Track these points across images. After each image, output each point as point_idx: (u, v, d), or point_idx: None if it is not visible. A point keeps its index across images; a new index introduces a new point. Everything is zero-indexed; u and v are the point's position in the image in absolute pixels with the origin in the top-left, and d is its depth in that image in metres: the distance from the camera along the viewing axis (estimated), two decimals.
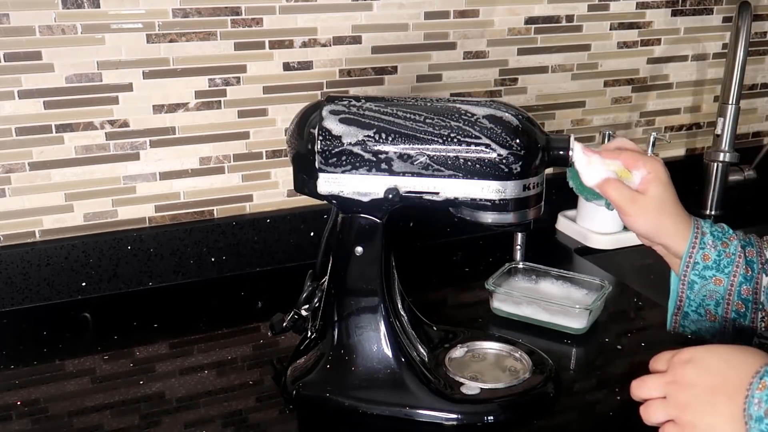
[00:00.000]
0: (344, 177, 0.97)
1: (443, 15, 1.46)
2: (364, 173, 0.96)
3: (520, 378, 1.05)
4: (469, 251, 1.51)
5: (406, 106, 0.97)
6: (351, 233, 1.01)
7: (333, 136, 0.96)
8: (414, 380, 1.02)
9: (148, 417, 1.02)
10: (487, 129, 0.93)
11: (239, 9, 1.31)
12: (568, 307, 1.20)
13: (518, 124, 0.94)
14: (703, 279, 0.99)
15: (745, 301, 0.98)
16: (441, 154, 0.94)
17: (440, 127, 0.94)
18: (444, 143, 0.94)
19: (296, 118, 1.00)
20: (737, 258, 0.98)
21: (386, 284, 1.03)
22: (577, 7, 1.57)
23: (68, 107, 1.26)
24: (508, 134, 0.93)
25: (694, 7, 1.67)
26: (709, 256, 0.98)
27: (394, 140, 0.95)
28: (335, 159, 0.96)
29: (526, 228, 1.00)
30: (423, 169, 0.95)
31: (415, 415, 1.00)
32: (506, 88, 1.56)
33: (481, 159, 0.93)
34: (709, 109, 1.77)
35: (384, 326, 1.02)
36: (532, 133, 0.95)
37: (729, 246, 0.98)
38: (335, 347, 1.04)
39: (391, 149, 0.95)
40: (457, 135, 0.93)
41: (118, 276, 1.33)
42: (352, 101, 0.98)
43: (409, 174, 0.96)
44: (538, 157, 0.95)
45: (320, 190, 0.98)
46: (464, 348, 1.12)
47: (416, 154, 0.94)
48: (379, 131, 0.95)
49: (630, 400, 1.05)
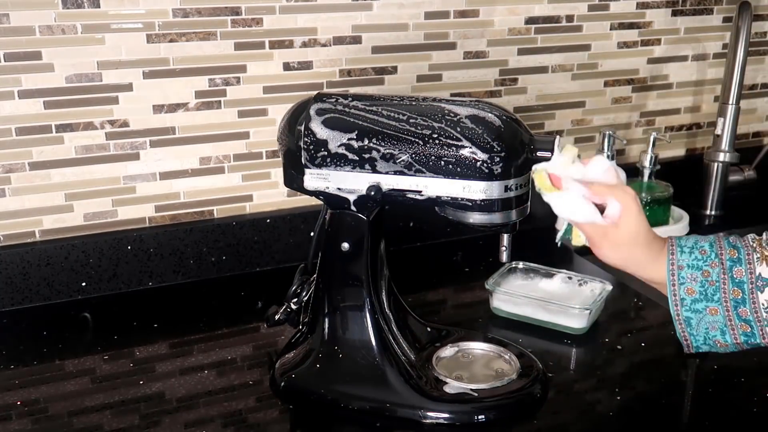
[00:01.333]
0: (329, 174, 0.99)
1: (443, 15, 1.46)
2: (349, 170, 0.98)
3: (506, 380, 1.05)
4: (469, 251, 1.51)
5: (392, 105, 0.97)
6: (338, 229, 1.02)
7: (318, 135, 0.98)
8: (396, 377, 1.02)
9: (148, 417, 1.01)
10: (468, 129, 0.93)
11: (239, 9, 1.31)
12: (568, 307, 1.20)
13: (500, 124, 0.94)
14: (697, 313, 0.95)
15: (747, 322, 0.93)
16: (423, 153, 0.94)
17: (423, 127, 0.95)
18: (426, 143, 0.94)
19: (287, 115, 1.02)
20: (722, 284, 0.93)
21: (373, 281, 1.04)
22: (578, 7, 1.57)
23: (68, 107, 1.26)
24: (489, 135, 0.93)
25: (695, 7, 1.67)
26: (694, 290, 0.94)
27: (377, 140, 0.96)
28: (320, 158, 0.98)
29: (511, 229, 1.01)
30: (406, 168, 0.96)
31: (396, 412, 1.01)
32: (506, 88, 1.56)
33: (462, 159, 0.93)
34: (709, 109, 1.77)
35: (369, 322, 1.03)
36: (516, 133, 0.95)
37: (711, 274, 0.94)
38: (323, 342, 1.05)
39: (373, 149, 0.96)
40: (440, 136, 0.94)
41: (118, 276, 1.33)
42: (340, 99, 0.99)
43: (392, 172, 0.96)
44: (521, 158, 0.95)
45: (307, 186, 1.01)
46: (454, 348, 1.12)
47: (399, 153, 0.95)
48: (362, 131, 0.96)
49: (630, 400, 1.06)
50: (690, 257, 0.95)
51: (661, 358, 1.17)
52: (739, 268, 0.93)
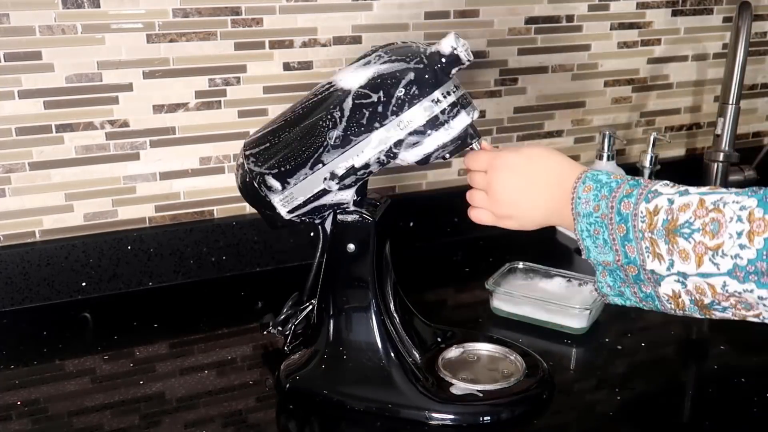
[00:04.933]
0: (292, 191, 1.00)
1: (443, 15, 1.46)
2: (304, 174, 0.99)
3: (512, 380, 1.05)
4: (469, 251, 1.51)
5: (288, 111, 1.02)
6: (344, 230, 1.02)
7: (267, 181, 1.01)
8: (402, 378, 1.02)
9: (148, 417, 1.01)
10: (372, 81, 0.94)
11: (239, 9, 1.31)
12: (568, 307, 1.20)
13: (393, 57, 0.94)
14: None
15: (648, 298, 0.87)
16: (350, 125, 0.95)
17: (332, 106, 0.96)
18: (351, 116, 0.95)
19: (236, 178, 1.06)
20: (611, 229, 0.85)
21: (378, 282, 1.04)
22: (577, 7, 1.57)
23: (68, 107, 1.26)
24: (392, 73, 0.93)
25: (695, 7, 1.67)
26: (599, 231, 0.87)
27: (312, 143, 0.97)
28: (277, 182, 1.00)
29: (476, 134, 0.97)
30: (341, 145, 0.96)
31: (402, 414, 1.01)
32: (506, 88, 1.56)
33: (384, 103, 0.93)
34: (709, 109, 1.77)
35: (375, 324, 1.03)
36: (410, 53, 0.94)
37: (602, 232, 0.86)
38: (328, 343, 1.05)
39: (312, 150, 0.98)
40: (349, 109, 0.95)
41: (118, 276, 1.33)
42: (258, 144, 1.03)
43: (337, 157, 0.97)
44: (430, 70, 0.93)
45: (286, 215, 1.03)
46: (459, 349, 1.12)
47: (332, 135, 0.96)
48: (293, 154, 0.99)
49: (630, 400, 1.06)
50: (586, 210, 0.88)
51: (661, 358, 1.17)
52: (630, 245, 0.84)
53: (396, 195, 1.52)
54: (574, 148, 1.66)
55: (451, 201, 1.53)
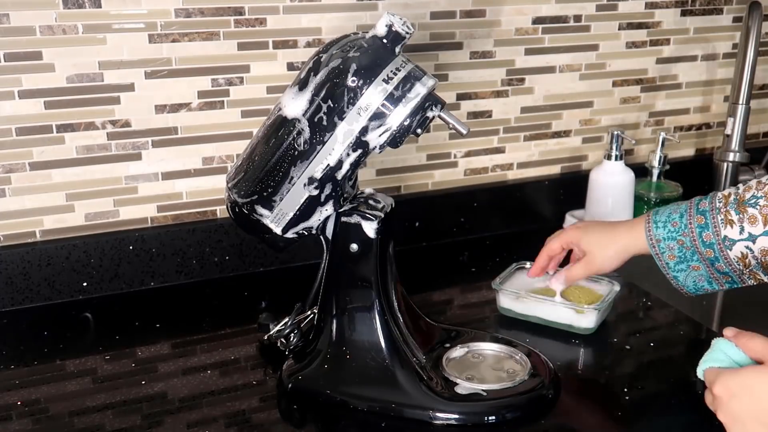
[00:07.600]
0: (281, 206, 1.01)
1: (449, 15, 1.45)
2: (287, 189, 1.00)
3: (517, 380, 1.03)
4: (476, 251, 1.50)
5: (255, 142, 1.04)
6: (347, 229, 1.02)
7: (257, 210, 1.03)
8: (406, 378, 1.01)
9: (150, 417, 1.01)
10: (317, 84, 0.97)
11: (242, 9, 1.30)
12: (576, 307, 1.18)
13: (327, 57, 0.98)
14: (682, 271, 1.10)
15: (726, 274, 1.08)
16: (311, 132, 0.96)
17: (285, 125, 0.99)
18: (307, 123, 0.97)
19: (229, 215, 1.08)
20: (696, 248, 1.07)
21: (382, 282, 1.03)
22: (585, 7, 1.55)
23: (69, 107, 1.25)
24: (336, 72, 0.95)
25: (704, 7, 1.66)
26: (674, 255, 1.09)
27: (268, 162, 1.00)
28: (263, 204, 1.02)
29: (439, 103, 0.98)
30: (311, 150, 0.97)
31: (406, 413, 1.00)
32: (513, 88, 1.54)
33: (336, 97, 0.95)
34: (718, 109, 1.76)
35: (378, 323, 1.02)
36: (350, 40, 0.97)
37: (685, 242, 1.08)
38: (331, 343, 1.04)
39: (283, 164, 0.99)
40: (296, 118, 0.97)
41: (119, 276, 1.32)
42: None
43: (311, 162, 0.98)
44: (368, 53, 0.95)
45: (284, 233, 1.03)
46: (464, 348, 1.11)
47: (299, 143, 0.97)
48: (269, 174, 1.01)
49: (638, 401, 1.05)
50: (664, 231, 1.09)
51: (670, 358, 1.15)
52: (707, 233, 1.06)
53: (402, 195, 1.51)
54: (581, 148, 1.65)
55: (457, 201, 1.54)
